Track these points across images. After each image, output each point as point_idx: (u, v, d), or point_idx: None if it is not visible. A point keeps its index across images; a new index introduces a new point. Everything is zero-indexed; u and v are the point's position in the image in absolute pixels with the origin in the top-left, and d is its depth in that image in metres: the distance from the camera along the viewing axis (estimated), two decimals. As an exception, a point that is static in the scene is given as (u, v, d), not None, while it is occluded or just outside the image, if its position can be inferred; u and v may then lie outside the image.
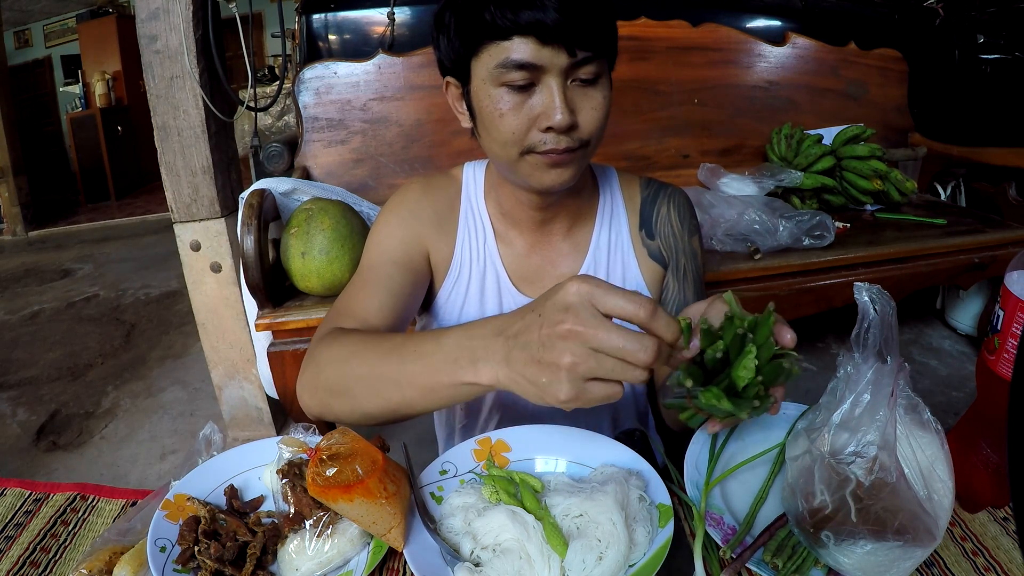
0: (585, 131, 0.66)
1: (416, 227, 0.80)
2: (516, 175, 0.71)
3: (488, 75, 0.64)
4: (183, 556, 0.55)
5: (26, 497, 0.69)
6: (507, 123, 0.65)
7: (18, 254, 4.55)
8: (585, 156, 0.70)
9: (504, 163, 0.70)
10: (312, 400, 0.66)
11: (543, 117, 0.64)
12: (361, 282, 0.77)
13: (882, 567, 0.49)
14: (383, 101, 1.84)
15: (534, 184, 0.70)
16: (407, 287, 0.77)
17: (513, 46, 0.61)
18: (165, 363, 2.59)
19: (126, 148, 6.30)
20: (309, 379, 0.66)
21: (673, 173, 2.05)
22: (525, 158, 0.67)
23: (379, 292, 0.75)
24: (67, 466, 1.95)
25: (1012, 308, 0.56)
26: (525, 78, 0.63)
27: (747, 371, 0.46)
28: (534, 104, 0.64)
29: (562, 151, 0.65)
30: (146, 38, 1.53)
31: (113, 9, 6.36)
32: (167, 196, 1.66)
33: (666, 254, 0.84)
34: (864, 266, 1.69)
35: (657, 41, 2.01)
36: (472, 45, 0.64)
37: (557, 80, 0.63)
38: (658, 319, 0.44)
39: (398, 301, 0.75)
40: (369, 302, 0.74)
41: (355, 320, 0.71)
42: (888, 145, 2.20)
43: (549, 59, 0.61)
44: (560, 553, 0.53)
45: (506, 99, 0.64)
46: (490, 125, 0.67)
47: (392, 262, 0.77)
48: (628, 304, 0.44)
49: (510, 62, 0.62)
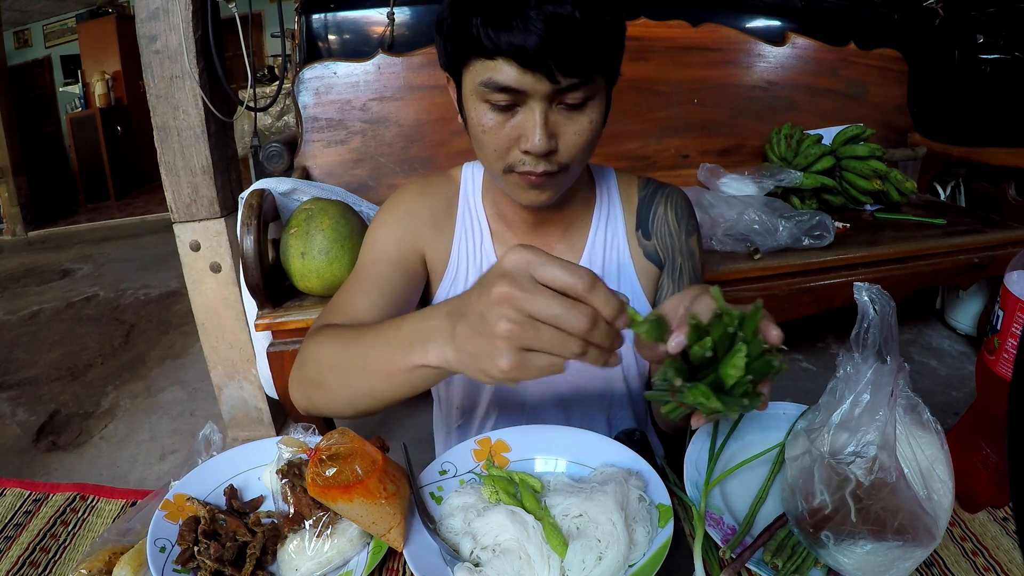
0: (565, 155, 0.65)
1: (413, 227, 0.80)
2: (502, 186, 0.72)
3: (474, 89, 0.64)
4: (183, 556, 0.55)
5: (25, 497, 0.69)
6: (488, 140, 0.65)
7: (18, 254, 4.55)
8: (567, 178, 0.69)
9: (490, 172, 0.72)
10: (297, 393, 0.67)
11: (522, 139, 0.64)
12: (354, 281, 0.77)
13: (882, 567, 0.49)
14: (383, 101, 1.84)
15: (515, 199, 0.71)
16: (400, 287, 0.78)
17: (497, 67, 0.60)
18: (165, 363, 2.59)
19: (126, 148, 6.29)
20: (295, 373, 0.67)
21: (673, 173, 2.05)
22: (508, 175, 0.68)
23: (371, 291, 0.75)
24: (67, 466, 1.95)
25: (1012, 308, 0.56)
26: (507, 100, 0.62)
27: (736, 369, 0.45)
28: (515, 124, 0.64)
29: (539, 174, 0.65)
30: (146, 38, 1.53)
31: (113, 9, 6.36)
32: (167, 196, 1.66)
33: (662, 254, 0.84)
34: (864, 266, 1.69)
35: (657, 41, 2.01)
36: (462, 56, 0.64)
37: (540, 105, 0.61)
38: (596, 292, 0.43)
39: (389, 301, 0.75)
40: (360, 300, 0.74)
41: (344, 318, 0.72)
42: (888, 145, 2.20)
43: (531, 85, 0.60)
44: (560, 553, 0.53)
45: (489, 116, 0.64)
46: (474, 136, 0.68)
47: (386, 262, 0.78)
48: (565, 274, 0.43)
49: (492, 83, 0.61)
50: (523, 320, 0.43)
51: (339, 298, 0.76)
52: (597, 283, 0.44)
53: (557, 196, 0.71)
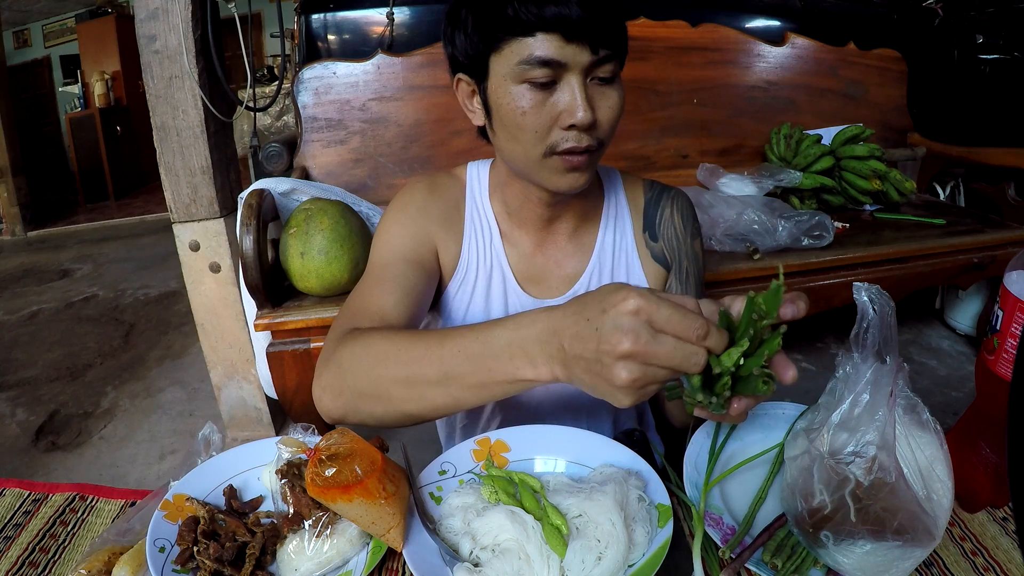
0: (603, 130, 0.67)
1: (425, 224, 0.79)
2: (536, 175, 0.70)
3: (509, 72, 0.63)
4: (182, 556, 0.55)
5: (25, 497, 0.69)
6: (529, 121, 0.65)
7: (17, 254, 4.54)
8: (599, 157, 0.70)
9: (522, 162, 0.70)
10: (335, 403, 0.63)
11: (566, 114, 0.64)
12: (374, 280, 0.75)
13: (881, 567, 0.49)
14: (382, 101, 1.84)
15: (549, 186, 0.70)
16: (420, 284, 0.76)
17: (536, 42, 0.61)
18: (164, 363, 2.59)
19: (125, 148, 6.29)
20: (331, 381, 0.62)
21: (672, 173, 2.04)
22: (546, 160, 0.67)
23: (394, 290, 0.73)
24: (66, 466, 1.95)
25: (1011, 308, 0.56)
26: (547, 75, 0.62)
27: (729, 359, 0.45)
28: (556, 102, 0.64)
29: (583, 150, 0.66)
30: (145, 38, 1.53)
31: (112, 9, 6.36)
32: (166, 196, 1.66)
33: (669, 256, 0.84)
34: (863, 266, 1.69)
35: (656, 41, 2.01)
36: (492, 41, 0.63)
37: (578, 78, 0.63)
38: (711, 338, 0.45)
39: (412, 298, 0.74)
40: (384, 300, 0.71)
41: (372, 319, 0.69)
42: (887, 145, 2.20)
43: (572, 56, 0.61)
44: (559, 553, 0.53)
45: (527, 96, 0.64)
46: (510, 123, 0.66)
47: (404, 260, 0.76)
48: (683, 325, 0.44)
49: (534, 58, 0.61)
50: (644, 369, 0.45)
51: (360, 299, 0.73)
52: (711, 331, 0.45)
53: (590, 181, 0.71)
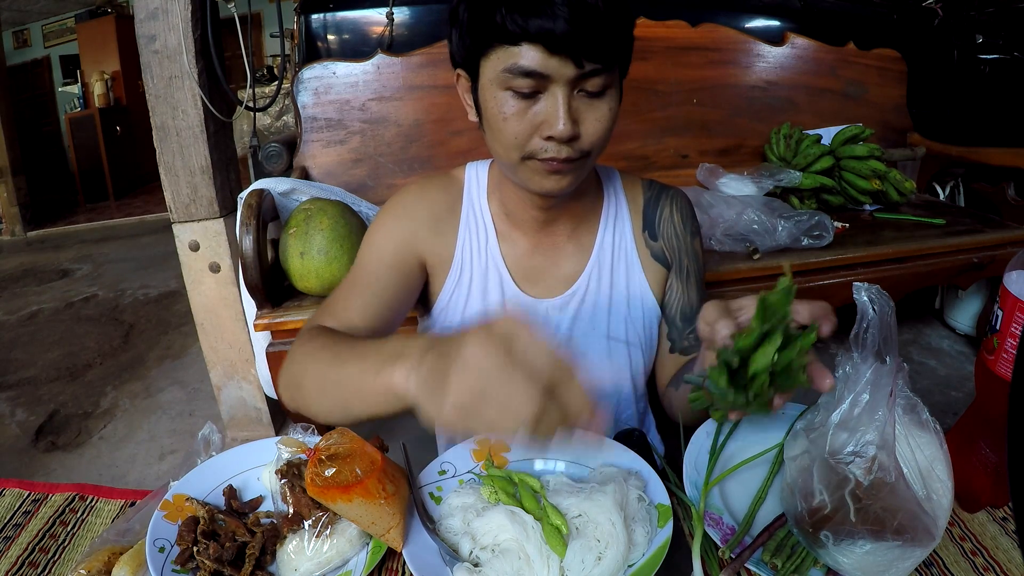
0: (587, 142, 0.66)
1: (411, 229, 0.80)
2: (516, 177, 0.71)
3: (495, 77, 0.64)
4: (182, 556, 0.55)
5: (25, 497, 0.69)
6: (510, 127, 0.65)
7: (17, 254, 4.54)
8: (586, 165, 0.70)
9: (506, 164, 0.71)
10: (283, 392, 0.66)
11: (545, 126, 0.64)
12: (350, 283, 0.77)
13: (881, 567, 0.49)
14: (382, 101, 1.84)
15: (533, 188, 0.71)
16: (396, 290, 0.78)
17: (521, 52, 0.61)
18: (164, 363, 2.59)
19: (125, 148, 6.29)
20: (282, 371, 0.66)
21: (672, 173, 2.04)
22: (526, 163, 0.68)
23: (364, 294, 0.75)
24: (66, 466, 1.95)
25: (1011, 308, 0.56)
26: (530, 86, 0.62)
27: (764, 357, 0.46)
28: (538, 111, 0.64)
29: (562, 160, 0.66)
30: (145, 38, 1.53)
31: (112, 9, 6.36)
32: (166, 196, 1.66)
33: (669, 255, 0.85)
34: (863, 266, 1.69)
35: (656, 41, 2.01)
36: (482, 45, 0.64)
37: (563, 90, 0.62)
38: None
39: (383, 304, 0.75)
40: (353, 303, 0.74)
41: (337, 320, 0.72)
42: (887, 145, 2.20)
43: (556, 69, 0.61)
44: (559, 553, 0.53)
45: (510, 103, 0.64)
46: (493, 126, 0.67)
47: (382, 264, 0.78)
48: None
49: (517, 68, 0.61)
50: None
51: (333, 299, 0.76)
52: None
53: (575, 185, 0.71)
